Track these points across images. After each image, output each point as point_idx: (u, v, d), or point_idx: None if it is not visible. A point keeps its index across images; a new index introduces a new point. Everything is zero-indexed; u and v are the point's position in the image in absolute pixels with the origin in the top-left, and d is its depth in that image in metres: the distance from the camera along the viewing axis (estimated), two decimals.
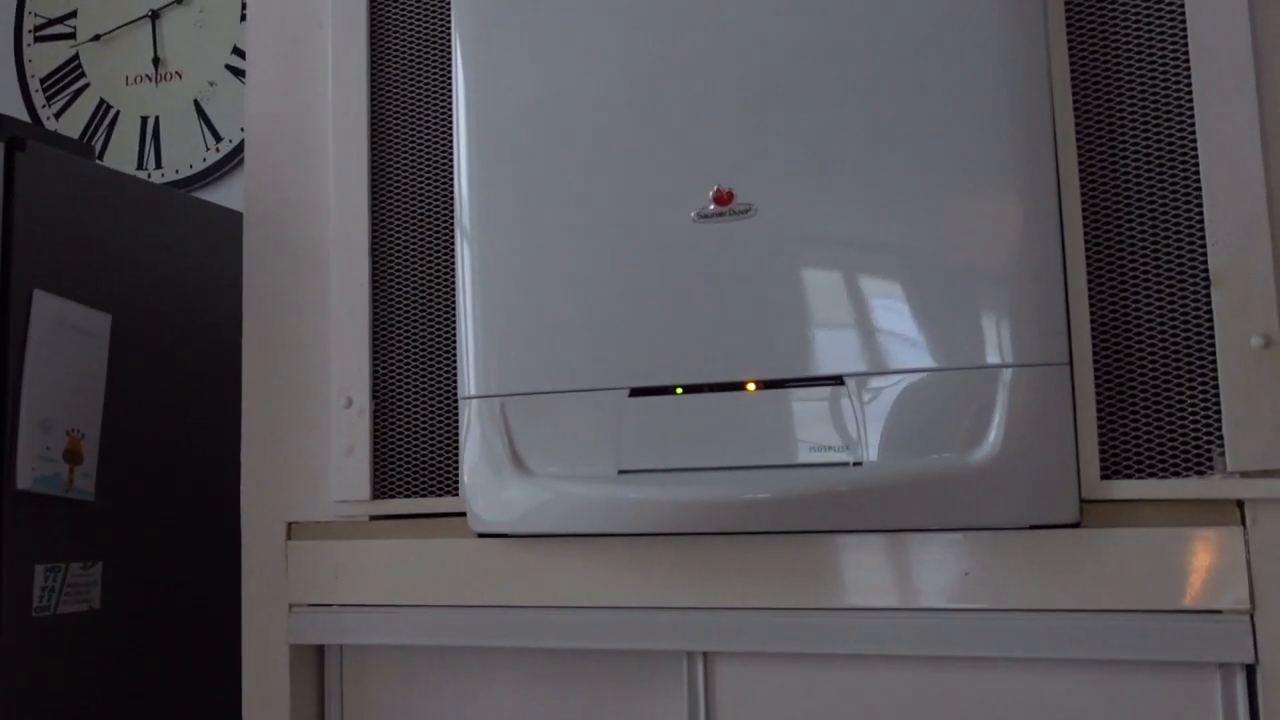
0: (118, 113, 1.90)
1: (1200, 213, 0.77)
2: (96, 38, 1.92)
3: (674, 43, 0.85)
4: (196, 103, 1.85)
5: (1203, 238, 0.76)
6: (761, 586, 0.84)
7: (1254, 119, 0.76)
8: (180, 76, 1.86)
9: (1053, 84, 0.80)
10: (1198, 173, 0.77)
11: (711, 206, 0.82)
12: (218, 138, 1.83)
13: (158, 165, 1.86)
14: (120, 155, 1.88)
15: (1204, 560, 0.75)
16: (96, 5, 1.93)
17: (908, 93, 0.79)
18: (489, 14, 0.91)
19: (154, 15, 1.88)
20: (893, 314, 0.78)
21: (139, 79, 1.89)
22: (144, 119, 1.88)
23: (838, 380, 0.79)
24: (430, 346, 0.97)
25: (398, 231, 0.99)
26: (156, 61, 1.87)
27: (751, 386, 0.81)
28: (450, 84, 0.97)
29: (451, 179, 0.97)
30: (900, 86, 0.79)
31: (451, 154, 0.96)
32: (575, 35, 0.88)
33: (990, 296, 0.76)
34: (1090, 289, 0.79)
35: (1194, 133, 0.77)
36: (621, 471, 0.84)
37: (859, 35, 0.80)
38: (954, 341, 0.77)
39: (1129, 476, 0.77)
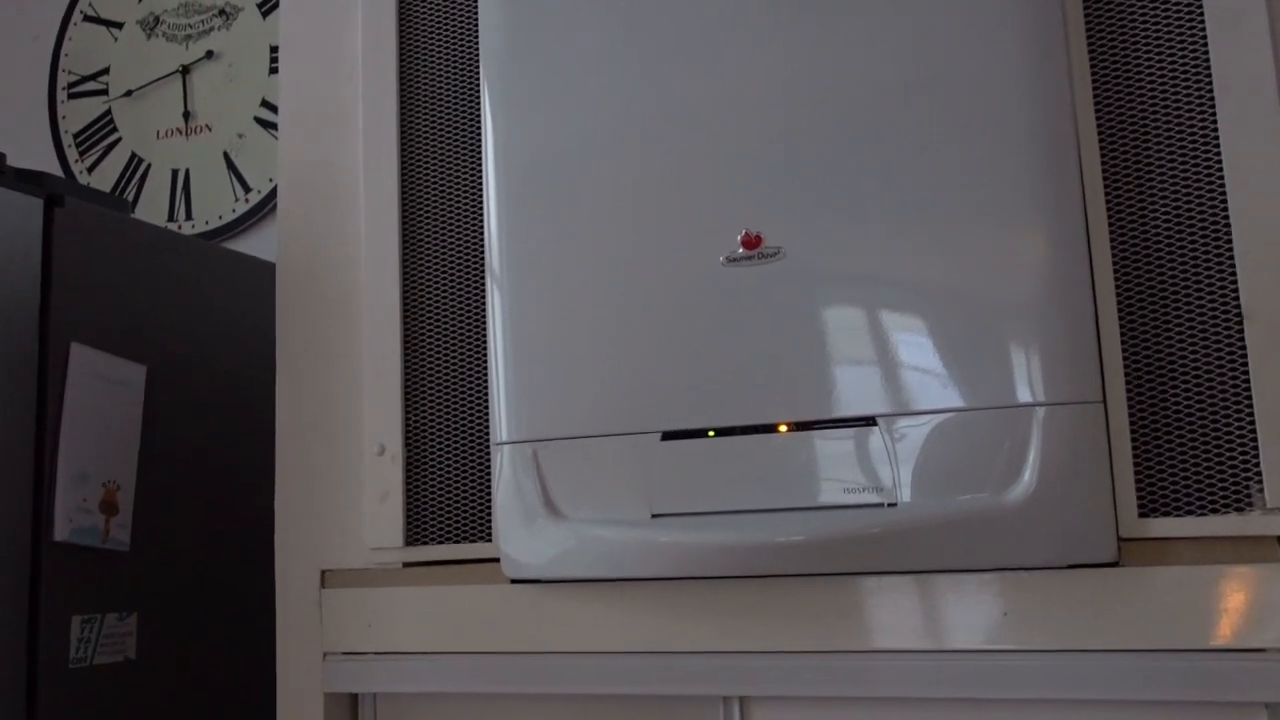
0: (149, 166, 1.93)
1: (1230, 247, 0.77)
2: (128, 93, 1.96)
3: (700, 87, 0.86)
4: (226, 155, 1.88)
5: (1234, 272, 0.76)
6: (798, 629, 0.84)
7: None
8: (210, 129, 1.89)
9: (1078, 118, 0.80)
10: (1226, 206, 0.77)
11: (740, 250, 0.83)
12: (246, 189, 1.85)
13: (188, 217, 1.89)
14: (152, 207, 1.91)
15: (1245, 597, 0.74)
16: (128, 62, 1.97)
17: (933, 130, 0.79)
18: (517, 61, 0.93)
19: (184, 70, 1.92)
20: (923, 353, 0.78)
21: (169, 132, 1.93)
22: (174, 171, 1.91)
23: (870, 421, 0.79)
24: (462, 392, 0.98)
25: (429, 278, 1.00)
26: (187, 115, 1.91)
27: (783, 428, 0.82)
28: (479, 131, 0.98)
29: (481, 225, 0.98)
30: (925, 124, 0.80)
31: (481, 200, 0.97)
32: (602, 80, 0.89)
33: (1021, 334, 0.76)
34: (1122, 325, 0.79)
35: (1221, 165, 0.77)
36: (655, 515, 0.84)
37: (884, 75, 0.81)
38: (986, 380, 0.77)
39: (1167, 514, 0.77)
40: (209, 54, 1.90)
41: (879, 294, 0.80)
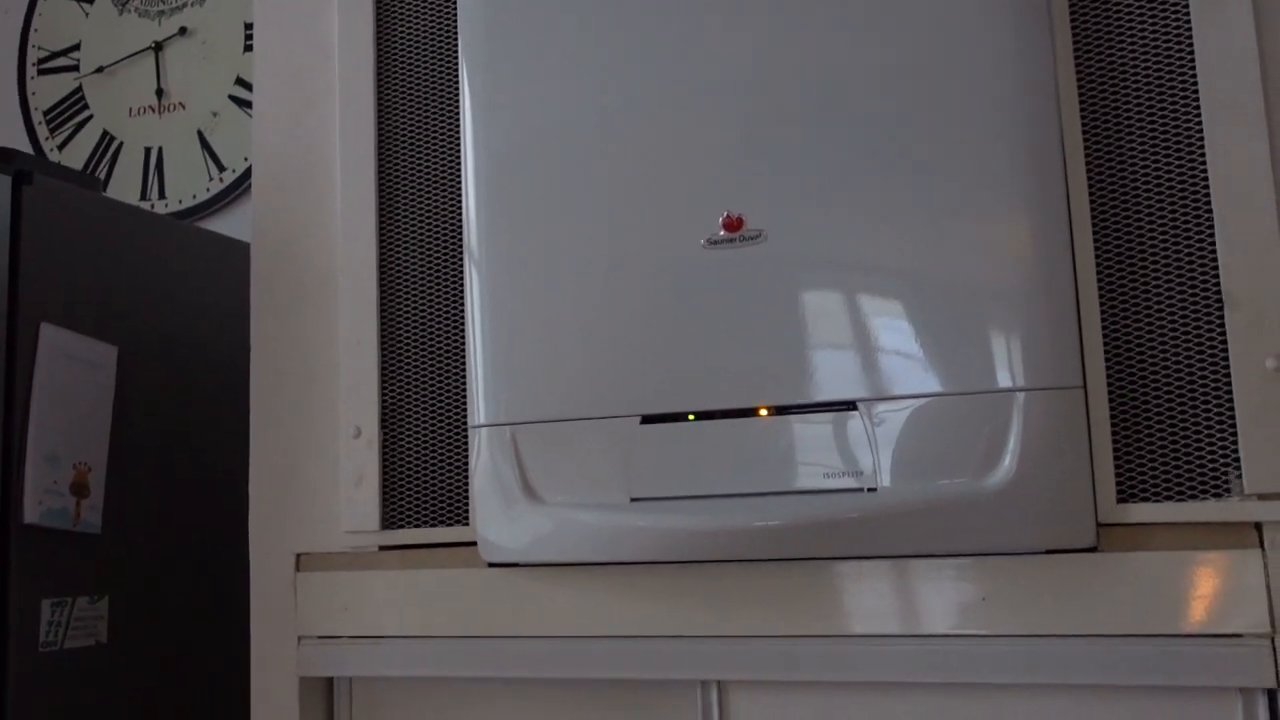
0: (121, 144, 1.91)
1: (1212, 234, 0.77)
2: (100, 70, 1.93)
3: (682, 69, 0.85)
4: (200, 133, 1.85)
5: (1215, 259, 0.76)
6: (776, 614, 0.84)
7: (1263, 137, 0.76)
8: (183, 107, 1.87)
9: (1061, 105, 0.80)
10: (1208, 193, 0.77)
11: (721, 232, 0.82)
12: (221, 168, 1.83)
13: (161, 196, 1.86)
14: (124, 186, 1.89)
15: (1222, 583, 0.74)
16: (99, 37, 1.94)
17: (916, 115, 0.79)
18: (496, 42, 0.92)
19: (157, 47, 1.89)
20: (904, 338, 0.78)
21: (142, 110, 1.90)
22: (147, 150, 1.89)
23: (850, 405, 0.79)
24: (439, 375, 0.97)
25: (406, 260, 0.99)
26: (160, 93, 1.88)
27: (764, 412, 0.81)
28: (458, 112, 0.97)
29: (460, 207, 0.97)
30: (908, 109, 0.79)
31: (459, 182, 0.96)
32: (583, 61, 0.88)
33: (1002, 319, 0.76)
34: (1103, 311, 0.79)
35: (1203, 153, 0.77)
36: (634, 499, 0.84)
37: (867, 59, 0.80)
38: (966, 365, 0.77)
39: (1146, 500, 0.77)
40: (182, 30, 1.87)
41: (860, 278, 0.79)
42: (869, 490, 0.78)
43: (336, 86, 1.03)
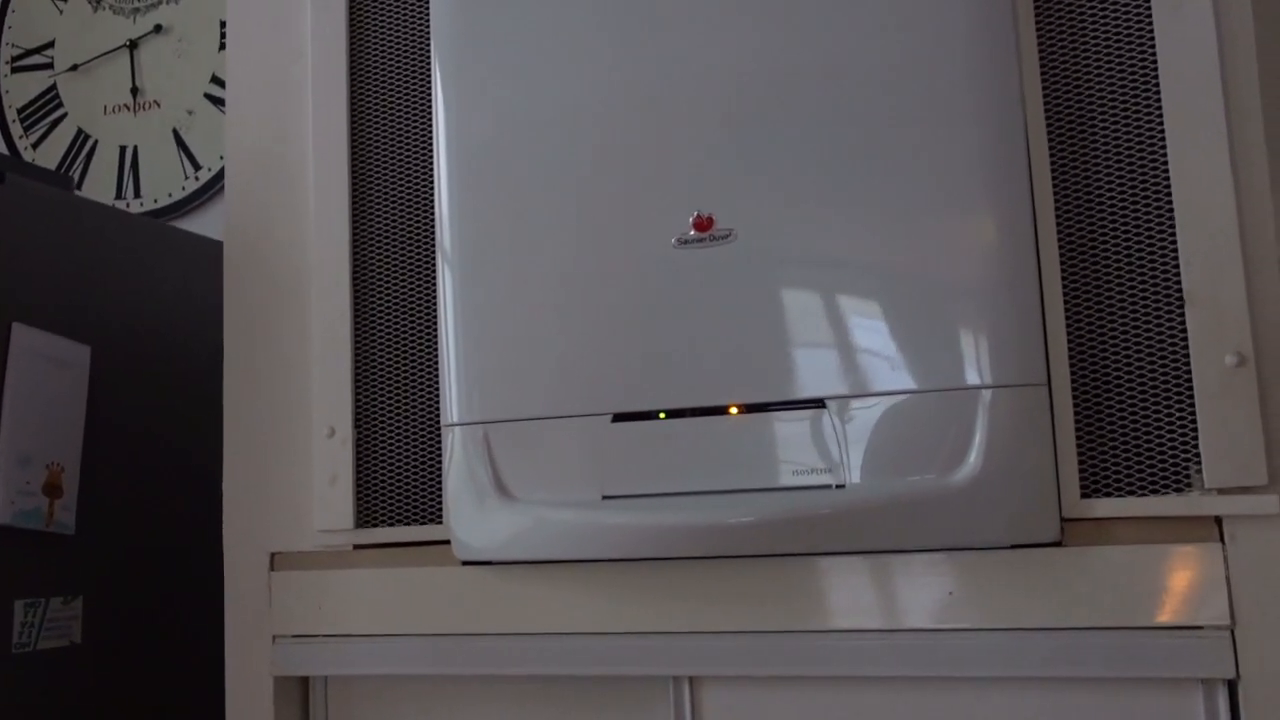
0: (96, 142, 1.90)
1: (1173, 232, 0.78)
2: (74, 68, 1.92)
3: (654, 69, 0.85)
4: (175, 132, 1.85)
5: (1176, 257, 0.78)
6: (747, 610, 0.84)
7: (1223, 135, 0.77)
8: (159, 105, 1.86)
9: (1025, 104, 0.81)
10: (1169, 191, 0.78)
11: (692, 232, 0.83)
12: (196, 166, 1.83)
13: (136, 195, 1.85)
14: (99, 185, 1.88)
15: (1184, 577, 0.76)
16: (74, 35, 1.93)
17: (884, 116, 0.80)
18: (469, 41, 0.92)
19: (132, 45, 1.88)
20: (872, 336, 0.79)
21: (117, 109, 1.89)
22: (122, 149, 1.88)
23: (819, 403, 0.80)
24: (412, 374, 0.97)
25: (379, 259, 0.99)
26: (135, 91, 1.87)
27: (734, 410, 0.82)
28: (430, 111, 0.97)
29: (433, 206, 0.97)
30: (876, 110, 0.80)
31: (433, 180, 0.96)
32: (555, 61, 0.88)
33: (968, 318, 0.77)
34: (1067, 310, 0.80)
35: (1165, 152, 0.78)
36: (605, 497, 0.85)
37: (835, 59, 0.81)
38: (933, 363, 0.77)
39: (1109, 495, 0.78)
40: (157, 28, 1.86)
41: (829, 277, 0.80)
42: (838, 487, 0.79)
43: (309, 84, 1.03)
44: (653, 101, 0.85)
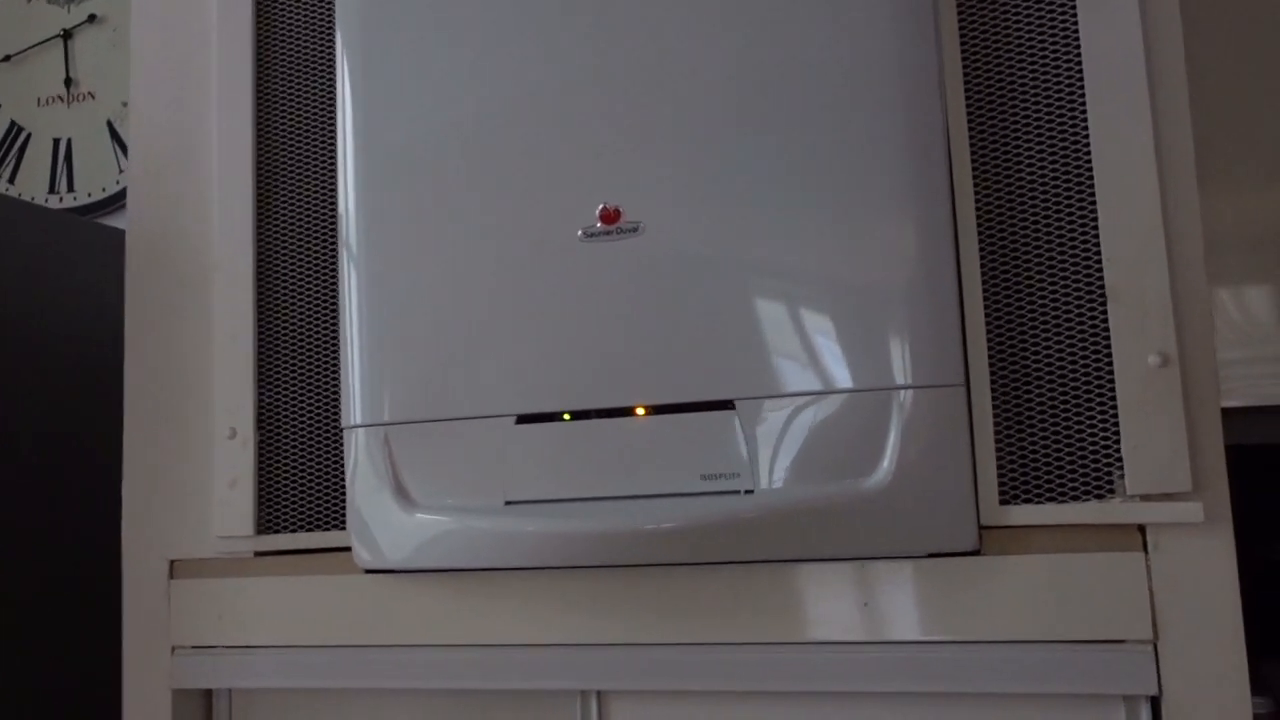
0: (29, 135, 1.84)
1: (1096, 229, 0.74)
2: (7, 58, 1.86)
3: (562, 59, 0.81)
4: (110, 124, 1.79)
5: (1099, 252, 0.74)
6: (656, 621, 0.81)
7: (1148, 131, 0.74)
8: (93, 97, 1.81)
9: (947, 100, 0.78)
10: (1093, 187, 0.75)
11: (598, 224, 0.79)
12: None
13: (70, 189, 1.80)
14: (32, 178, 1.82)
15: (1106, 588, 0.72)
16: (6, 25, 1.87)
17: (797, 109, 0.76)
18: (374, 35, 0.88)
19: (66, 35, 1.83)
20: (783, 335, 0.75)
21: (51, 100, 1.84)
22: (56, 141, 1.82)
23: (728, 405, 0.76)
24: (318, 374, 0.93)
25: (285, 256, 0.95)
26: (69, 82, 1.82)
27: (640, 411, 0.78)
28: (337, 106, 0.93)
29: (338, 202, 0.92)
30: (791, 103, 0.76)
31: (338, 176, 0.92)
32: (462, 53, 0.84)
33: (882, 317, 0.73)
34: (987, 308, 0.76)
35: (1089, 147, 0.75)
36: (509, 503, 0.81)
37: (748, 52, 0.77)
38: (845, 363, 0.74)
39: (1028, 501, 0.74)
40: (91, 18, 1.81)
41: (739, 273, 0.76)
42: (746, 492, 0.75)
43: (214, 76, 0.99)
44: (561, 92, 0.81)
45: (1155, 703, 0.72)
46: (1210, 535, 0.71)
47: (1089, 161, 0.75)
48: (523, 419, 0.80)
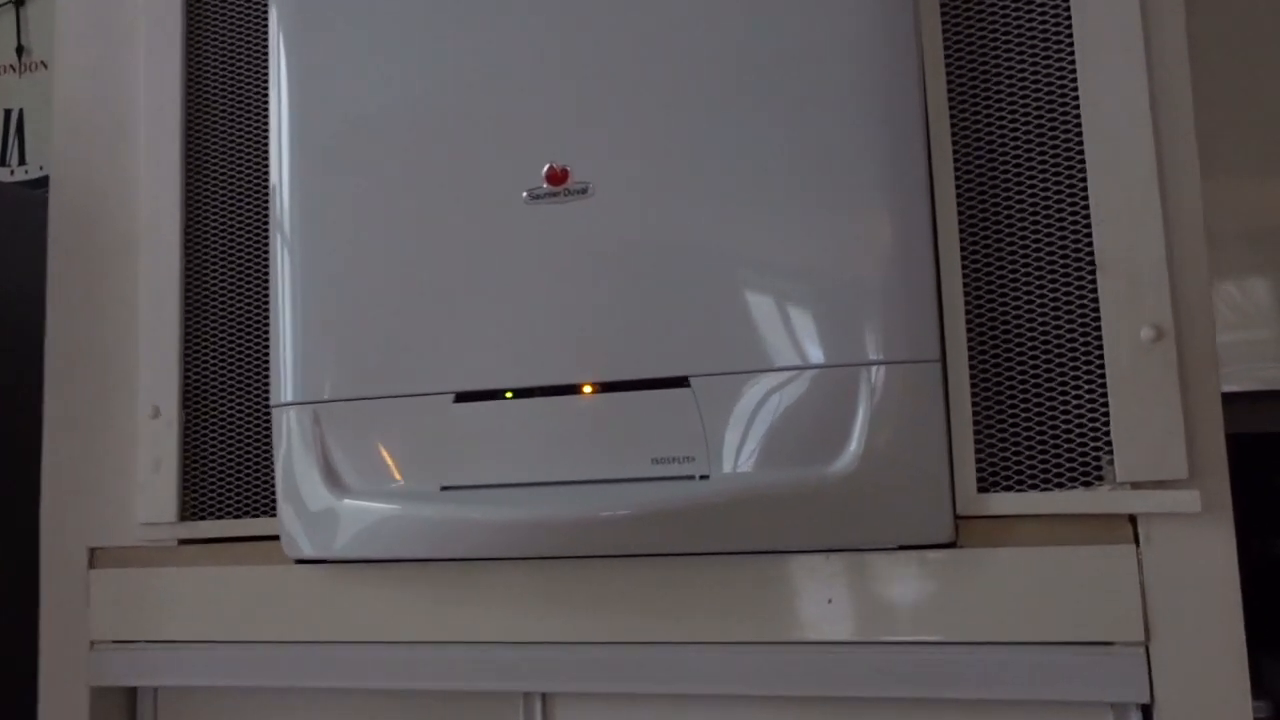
0: None
1: (1085, 193, 0.68)
2: None
3: (507, 11, 0.75)
4: None
5: (1088, 219, 0.67)
6: (603, 618, 0.74)
7: (1143, 89, 0.67)
8: (45, 67, 1.73)
9: (923, 53, 0.71)
10: (1082, 150, 0.68)
11: (544, 185, 0.72)
12: None
13: (21, 161, 1.73)
14: None
15: (1094, 584, 0.66)
16: None
17: (758, 63, 0.69)
18: (309, 6, 0.81)
19: (18, 2, 1.75)
20: (743, 307, 0.68)
21: (3, 69, 1.76)
22: (7, 112, 1.75)
23: (683, 382, 0.69)
24: (247, 351, 0.86)
25: (213, 227, 0.88)
26: (20, 50, 1.75)
27: (587, 389, 0.71)
28: (270, 72, 0.86)
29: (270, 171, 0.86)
30: (750, 56, 0.69)
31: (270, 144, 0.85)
32: (396, 21, 0.77)
33: (850, 286, 0.67)
34: (966, 277, 0.70)
35: (1077, 101, 0.68)
36: (444, 488, 0.74)
37: (710, 13, 0.71)
38: (811, 337, 0.67)
39: (1010, 489, 0.68)
40: None
41: (694, 238, 0.69)
42: (700, 478, 0.68)
43: (143, 37, 0.91)
44: (503, 47, 0.74)
45: (1146, 711, 0.66)
46: (1208, 527, 0.65)
47: (1078, 118, 0.68)
48: (461, 397, 0.74)
